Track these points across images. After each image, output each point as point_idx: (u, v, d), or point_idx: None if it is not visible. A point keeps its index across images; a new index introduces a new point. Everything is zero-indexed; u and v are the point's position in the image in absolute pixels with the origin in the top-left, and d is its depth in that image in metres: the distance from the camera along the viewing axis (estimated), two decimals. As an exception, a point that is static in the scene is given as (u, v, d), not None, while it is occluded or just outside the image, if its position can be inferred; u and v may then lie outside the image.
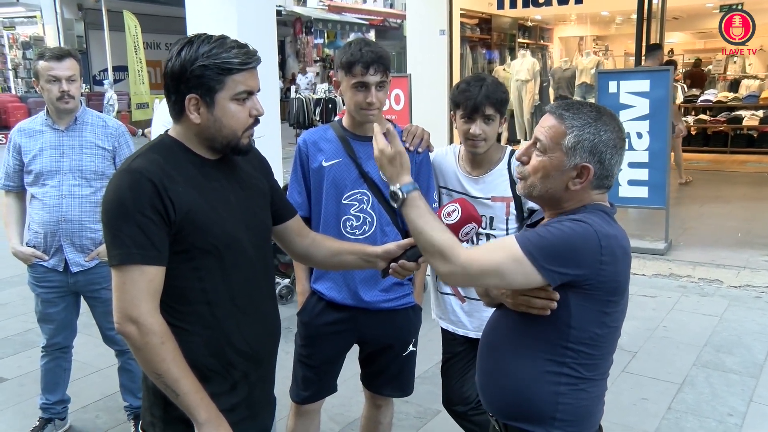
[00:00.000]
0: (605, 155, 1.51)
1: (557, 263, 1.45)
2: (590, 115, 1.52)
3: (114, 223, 1.48)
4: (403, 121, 5.47)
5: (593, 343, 1.55)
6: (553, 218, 1.58)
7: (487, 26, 12.11)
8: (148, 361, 1.47)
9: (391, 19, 24.23)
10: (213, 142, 1.59)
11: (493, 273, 1.48)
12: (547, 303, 1.51)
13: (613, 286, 1.52)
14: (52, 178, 2.85)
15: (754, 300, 4.81)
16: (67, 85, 2.80)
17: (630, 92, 5.58)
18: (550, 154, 1.54)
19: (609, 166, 1.53)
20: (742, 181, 9.00)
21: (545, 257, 1.45)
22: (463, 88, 2.26)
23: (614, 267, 1.50)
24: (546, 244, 1.45)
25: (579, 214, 1.53)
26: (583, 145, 1.50)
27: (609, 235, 1.49)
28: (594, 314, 1.53)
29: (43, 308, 3.01)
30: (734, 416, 3.25)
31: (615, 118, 1.56)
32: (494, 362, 1.66)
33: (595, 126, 1.51)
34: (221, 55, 1.51)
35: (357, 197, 2.26)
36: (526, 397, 1.58)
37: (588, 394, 1.58)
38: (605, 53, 15.00)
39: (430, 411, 3.30)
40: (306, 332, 2.39)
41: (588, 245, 1.46)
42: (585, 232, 1.47)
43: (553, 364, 1.55)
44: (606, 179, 1.55)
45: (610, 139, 1.51)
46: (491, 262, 1.47)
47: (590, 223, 1.48)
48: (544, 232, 1.48)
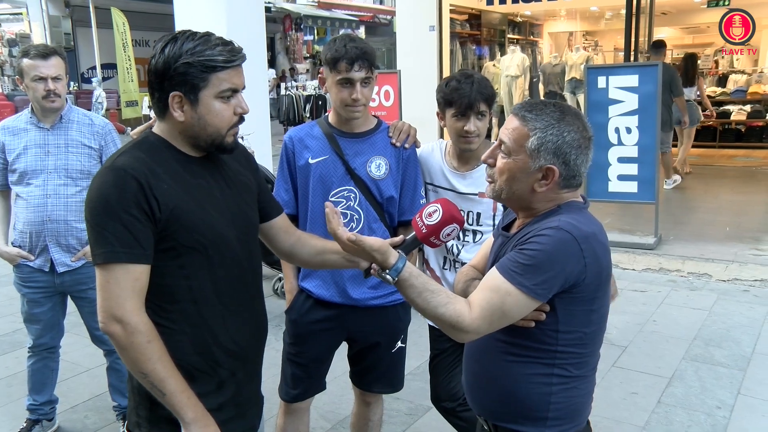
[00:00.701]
0: (570, 156, 1.49)
1: (545, 282, 1.45)
2: (553, 116, 1.50)
3: (98, 221, 1.46)
4: (392, 118, 5.46)
5: (581, 342, 1.55)
6: (528, 224, 1.56)
7: (477, 22, 12.12)
8: (133, 360, 1.45)
9: (380, 16, 24.20)
10: (197, 140, 1.57)
11: (499, 317, 1.48)
12: (537, 315, 1.51)
13: (597, 283, 1.52)
14: (36, 177, 2.81)
15: (743, 293, 4.84)
16: (52, 84, 2.76)
17: (619, 87, 5.59)
18: (514, 157, 1.52)
19: (575, 166, 1.51)
20: (730, 176, 9.05)
21: (533, 281, 1.44)
22: (455, 86, 2.24)
23: (597, 266, 1.50)
24: (529, 270, 1.44)
25: (554, 216, 1.52)
26: (547, 146, 1.49)
27: (587, 235, 1.48)
28: (581, 315, 1.53)
29: (29, 308, 2.98)
30: (722, 409, 3.27)
31: (580, 117, 1.54)
32: (483, 365, 1.65)
33: (558, 127, 1.49)
34: (205, 52, 1.50)
35: (344, 194, 2.25)
36: (517, 399, 1.58)
37: (579, 391, 1.59)
38: (595, 49, 15.05)
39: (421, 407, 3.30)
40: (295, 330, 2.38)
41: (569, 253, 1.45)
42: (563, 241, 1.45)
43: (543, 367, 1.55)
44: (573, 179, 1.53)
45: (574, 139, 1.49)
46: (492, 309, 1.47)
47: (567, 228, 1.46)
48: (522, 256, 1.47)
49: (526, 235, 1.51)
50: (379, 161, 2.26)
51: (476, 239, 2.38)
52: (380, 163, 2.26)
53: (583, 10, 13.82)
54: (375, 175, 2.26)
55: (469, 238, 2.39)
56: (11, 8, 16.80)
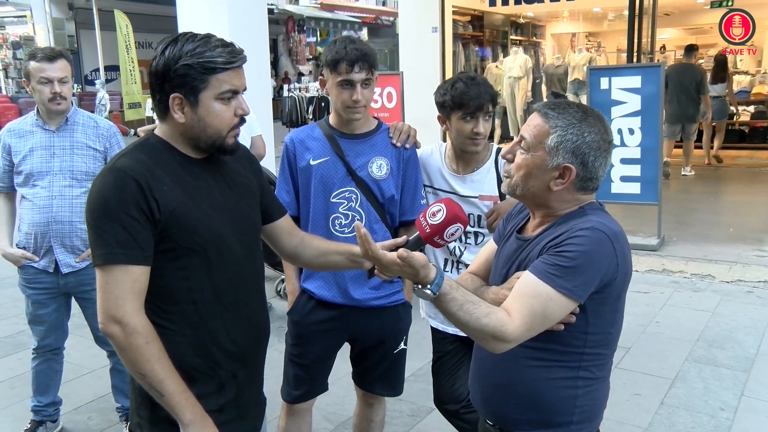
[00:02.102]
0: (588, 157, 1.49)
1: (584, 283, 1.44)
2: (575, 116, 1.50)
3: (98, 222, 1.47)
4: (395, 119, 5.46)
5: (606, 342, 1.55)
6: (551, 226, 1.54)
7: (480, 23, 12.13)
8: (132, 361, 1.46)
9: (383, 17, 24.21)
10: (198, 142, 1.58)
11: (540, 323, 1.46)
12: (568, 317, 1.48)
13: (623, 282, 1.52)
14: (42, 178, 2.83)
15: (746, 295, 4.83)
16: (59, 87, 2.78)
17: (622, 88, 5.59)
18: (533, 153, 1.52)
19: (592, 168, 1.50)
20: (733, 176, 9.04)
21: (574, 283, 1.43)
22: (462, 88, 2.24)
23: (625, 265, 1.50)
24: (569, 271, 1.43)
25: (583, 217, 1.51)
26: (566, 145, 1.48)
27: (617, 233, 1.48)
28: (608, 315, 1.53)
29: (33, 310, 2.99)
30: (726, 410, 3.26)
31: (602, 119, 1.53)
32: (499, 374, 1.61)
33: (579, 127, 1.49)
34: (205, 54, 1.50)
35: (345, 195, 2.25)
36: (540, 405, 1.56)
37: (600, 392, 1.59)
38: (597, 50, 15.02)
39: (423, 409, 3.30)
40: (296, 331, 2.38)
41: (605, 253, 1.45)
42: (599, 240, 1.45)
43: (569, 370, 1.54)
44: (590, 181, 1.52)
45: (593, 141, 1.49)
46: (534, 316, 1.44)
47: (600, 227, 1.46)
48: (562, 259, 1.45)
49: (557, 237, 1.49)
50: (381, 162, 2.27)
51: (478, 241, 2.38)
52: (381, 164, 2.27)
53: (586, 11, 13.82)
54: (376, 176, 2.26)
55: (471, 240, 2.39)
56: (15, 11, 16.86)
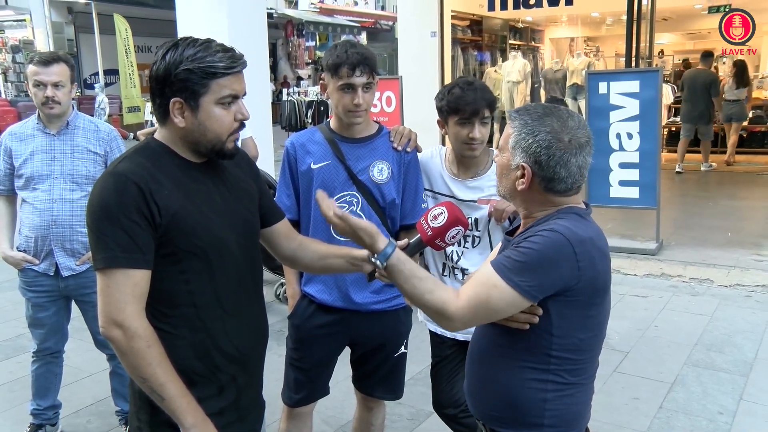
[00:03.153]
0: (541, 156, 1.49)
1: (534, 281, 1.45)
2: (533, 116, 1.53)
3: (99, 226, 1.47)
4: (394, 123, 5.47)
5: (577, 348, 1.55)
6: (526, 228, 1.58)
7: (478, 28, 12.16)
8: (133, 365, 1.46)
9: (382, 21, 24.24)
10: (198, 146, 1.58)
11: (485, 309, 1.49)
12: (530, 317, 1.51)
13: (593, 289, 1.52)
14: (43, 182, 2.84)
15: (744, 299, 4.84)
16: (51, 91, 2.77)
17: (620, 93, 5.61)
18: (503, 153, 1.59)
19: (547, 168, 1.50)
20: (732, 181, 9.06)
21: (521, 278, 1.45)
22: (458, 93, 2.25)
23: (592, 271, 1.49)
24: (520, 266, 1.46)
25: (550, 221, 1.52)
26: (521, 144, 1.52)
27: (583, 239, 1.48)
28: (577, 320, 1.53)
29: (33, 313, 2.99)
30: (725, 414, 3.27)
31: (564, 118, 1.52)
32: (481, 369, 1.66)
33: (532, 126, 1.51)
34: (206, 58, 1.51)
35: (346, 199, 2.26)
36: (513, 404, 1.58)
37: (575, 399, 1.58)
38: (596, 54, 15.06)
39: (422, 412, 3.30)
40: (297, 335, 2.39)
41: (562, 256, 1.46)
42: (556, 242, 1.46)
43: (537, 372, 1.55)
44: (553, 182, 1.52)
45: (544, 139, 1.49)
46: (478, 300, 1.49)
47: (560, 230, 1.47)
48: (516, 253, 1.48)
49: (523, 236, 1.54)
50: (382, 165, 2.28)
51: (475, 244, 2.39)
52: (383, 168, 2.27)
53: (585, 16, 13.86)
54: (378, 179, 2.27)
55: (468, 244, 2.40)
56: (15, 15, 16.86)
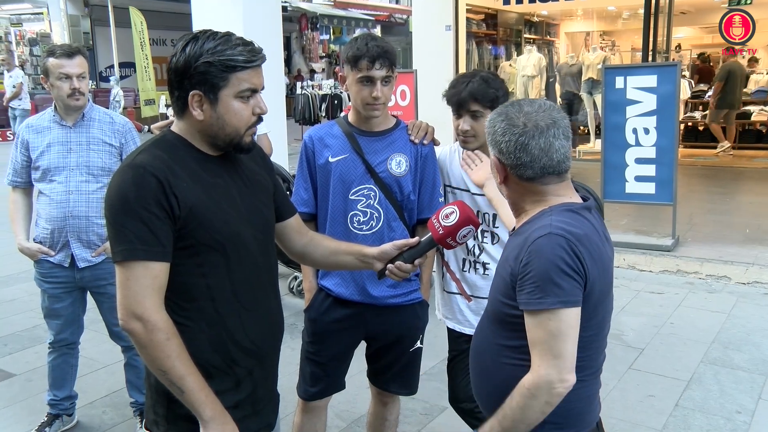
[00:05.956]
0: (501, 144, 1.55)
1: (569, 285, 1.43)
2: (495, 111, 1.60)
3: (117, 218, 1.47)
4: (409, 117, 5.46)
5: (579, 346, 1.51)
6: (522, 227, 1.57)
7: (493, 22, 12.08)
8: (153, 357, 1.46)
9: (396, 15, 24.18)
10: (215, 139, 1.58)
11: (558, 346, 1.45)
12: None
13: (592, 284, 1.49)
14: (59, 174, 2.86)
15: (763, 297, 4.78)
16: (77, 82, 2.82)
17: (637, 88, 5.54)
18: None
19: (509, 153, 1.53)
20: (750, 177, 8.94)
21: (559, 294, 1.43)
22: (452, 84, 2.29)
23: (591, 268, 1.48)
24: (541, 289, 1.43)
25: (544, 219, 1.50)
26: (489, 140, 1.59)
27: (579, 237, 1.47)
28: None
29: (49, 304, 3.02)
30: (743, 414, 3.23)
31: (519, 105, 1.56)
32: (482, 364, 1.64)
33: (493, 120, 1.58)
34: (226, 52, 1.50)
35: (364, 192, 2.25)
36: None
37: (577, 395, 1.54)
38: (612, 49, 14.90)
39: (436, 408, 3.30)
40: (313, 329, 2.38)
41: (565, 252, 1.44)
42: (554, 245, 1.44)
43: None
44: (519, 168, 1.54)
45: (500, 128, 1.55)
46: (546, 347, 1.45)
47: (558, 232, 1.46)
48: (529, 282, 1.45)
49: (520, 252, 1.50)
50: (400, 158, 2.27)
51: (494, 241, 2.37)
52: (401, 160, 2.27)
53: (600, 10, 13.71)
54: (396, 173, 2.26)
55: (488, 240, 2.38)
56: (32, 8, 17.01)
